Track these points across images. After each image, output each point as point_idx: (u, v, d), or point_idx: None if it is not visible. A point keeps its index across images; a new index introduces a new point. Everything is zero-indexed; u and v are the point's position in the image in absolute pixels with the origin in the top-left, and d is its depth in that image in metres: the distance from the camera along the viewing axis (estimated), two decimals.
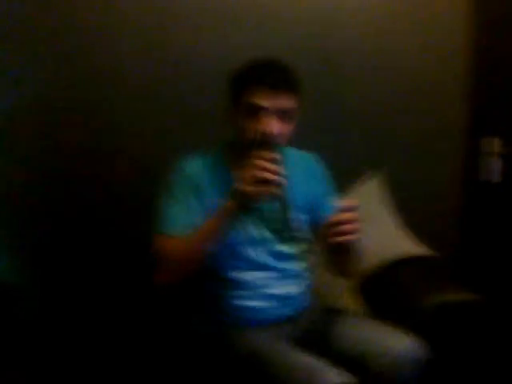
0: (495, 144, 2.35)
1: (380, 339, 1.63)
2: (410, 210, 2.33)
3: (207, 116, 2.16)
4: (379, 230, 2.19)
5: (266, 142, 1.57)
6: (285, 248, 1.76)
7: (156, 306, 1.94)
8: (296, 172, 1.71)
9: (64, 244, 2.28)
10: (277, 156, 1.52)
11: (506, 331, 2.20)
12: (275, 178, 1.49)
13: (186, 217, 1.65)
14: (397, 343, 1.60)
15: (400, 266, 2.09)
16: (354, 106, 2.37)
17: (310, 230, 1.80)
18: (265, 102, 1.60)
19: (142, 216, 1.81)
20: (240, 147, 1.66)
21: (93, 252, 2.23)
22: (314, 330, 1.75)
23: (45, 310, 2.26)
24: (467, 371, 1.92)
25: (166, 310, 1.93)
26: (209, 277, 1.71)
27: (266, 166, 1.49)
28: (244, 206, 1.55)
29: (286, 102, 1.61)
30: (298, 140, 1.70)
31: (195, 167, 1.72)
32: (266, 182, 1.49)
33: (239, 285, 1.72)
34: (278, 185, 1.50)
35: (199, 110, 2.22)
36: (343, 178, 2.21)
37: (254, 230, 1.72)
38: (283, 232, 1.71)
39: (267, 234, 1.73)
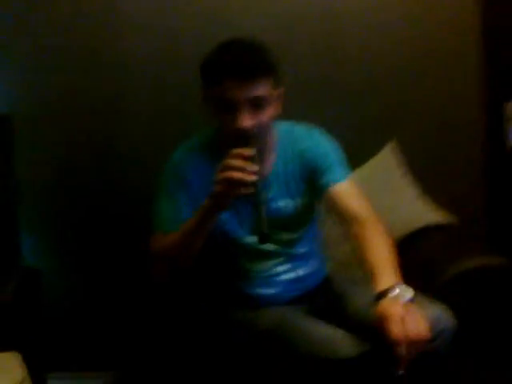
0: (509, 109, 2.29)
1: None
2: (432, 178, 2.32)
3: None
4: (399, 200, 2.18)
5: (241, 138, 1.51)
6: (286, 235, 1.74)
7: (165, 293, 1.96)
8: (287, 149, 1.70)
9: (85, 233, 2.35)
10: (251, 152, 1.46)
11: None
12: (246, 177, 1.43)
13: (174, 212, 1.65)
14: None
15: (422, 236, 2.08)
16: (368, 77, 2.34)
17: (315, 200, 1.76)
18: (235, 94, 1.51)
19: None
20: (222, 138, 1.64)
21: (107, 238, 2.32)
22: (333, 300, 1.75)
23: (67, 293, 2.31)
24: (493, 338, 1.90)
25: (176, 299, 1.95)
26: (216, 267, 1.73)
27: (237, 165, 1.43)
28: (219, 205, 1.52)
29: (258, 89, 1.53)
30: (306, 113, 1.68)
31: (182, 161, 1.70)
32: (237, 182, 1.43)
33: (248, 273, 1.72)
34: (250, 184, 1.44)
35: None
36: (360, 151, 2.21)
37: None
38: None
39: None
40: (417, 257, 2.00)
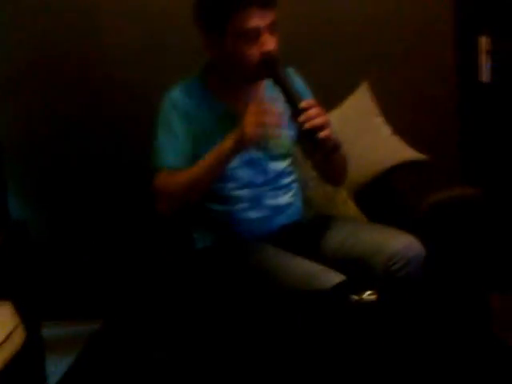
0: (483, 42, 2.33)
1: (376, 239, 1.69)
2: (405, 116, 2.35)
3: None
4: (374, 139, 2.22)
5: (269, 62, 1.63)
6: (275, 165, 1.81)
7: (157, 225, 2.01)
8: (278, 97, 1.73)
9: (68, 178, 2.39)
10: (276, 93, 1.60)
11: (505, 224, 2.26)
12: (279, 122, 1.55)
13: (176, 147, 1.71)
14: (392, 241, 1.65)
15: (395, 172, 2.12)
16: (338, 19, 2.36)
17: (298, 143, 1.85)
18: (258, 22, 1.61)
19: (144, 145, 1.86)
20: (228, 73, 1.71)
21: (95, 182, 2.37)
22: (312, 237, 1.81)
23: (53, 243, 2.37)
24: (467, 266, 1.98)
25: (167, 229, 2.00)
26: (208, 196, 1.77)
27: (267, 109, 1.55)
28: (243, 147, 1.61)
29: (273, 15, 1.64)
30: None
31: (181, 95, 1.75)
32: (270, 126, 1.55)
33: (236, 200, 1.78)
34: (279, 126, 1.56)
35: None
36: (333, 91, 2.24)
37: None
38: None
39: (260, 154, 1.77)
40: (391, 193, 2.07)
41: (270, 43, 1.63)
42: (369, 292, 1.65)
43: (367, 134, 2.21)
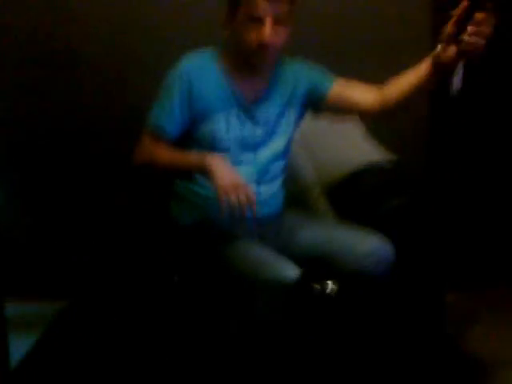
0: None
1: (348, 239, 1.76)
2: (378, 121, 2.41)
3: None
4: (345, 141, 2.28)
5: (262, 51, 1.70)
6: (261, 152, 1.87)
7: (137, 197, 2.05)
8: (288, 79, 1.88)
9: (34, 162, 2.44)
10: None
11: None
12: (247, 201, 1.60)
13: (166, 109, 1.79)
14: (364, 241, 1.73)
15: (365, 172, 2.17)
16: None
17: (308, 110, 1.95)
18: (262, 11, 1.68)
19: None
20: (236, 53, 1.79)
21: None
22: (284, 233, 1.87)
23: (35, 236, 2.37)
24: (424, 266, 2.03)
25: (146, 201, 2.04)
26: (188, 178, 1.84)
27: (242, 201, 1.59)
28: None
29: (280, 6, 1.70)
30: None
31: (191, 68, 1.81)
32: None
33: None
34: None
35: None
36: None
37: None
38: None
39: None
40: (359, 192, 2.12)
41: (268, 33, 1.68)
42: (331, 282, 1.71)
43: (340, 135, 2.26)
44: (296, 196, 2.12)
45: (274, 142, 1.87)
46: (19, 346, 2.09)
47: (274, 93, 1.87)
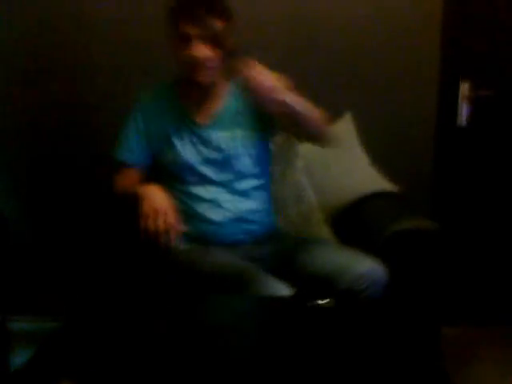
0: (463, 88, 2.45)
1: (343, 261, 1.78)
2: (384, 149, 2.43)
3: None
4: (351, 167, 2.31)
5: (195, 66, 1.78)
6: (236, 164, 1.91)
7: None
8: (239, 99, 1.89)
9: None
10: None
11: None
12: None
13: (132, 145, 1.92)
14: (358, 263, 1.75)
15: (369, 200, 2.20)
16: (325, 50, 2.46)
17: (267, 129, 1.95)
18: (191, 29, 1.77)
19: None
20: (183, 76, 1.87)
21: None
22: (282, 255, 1.89)
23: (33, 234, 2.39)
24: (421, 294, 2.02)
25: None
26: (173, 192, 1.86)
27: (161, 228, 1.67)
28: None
29: (211, 27, 1.77)
30: None
31: (149, 97, 1.94)
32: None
33: (196, 197, 1.89)
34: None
35: None
36: None
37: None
38: None
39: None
40: (362, 219, 2.15)
41: (196, 50, 1.77)
42: (326, 300, 1.73)
43: (346, 162, 2.29)
44: (298, 219, 2.14)
45: (237, 161, 1.90)
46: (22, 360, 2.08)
47: (225, 116, 1.92)
